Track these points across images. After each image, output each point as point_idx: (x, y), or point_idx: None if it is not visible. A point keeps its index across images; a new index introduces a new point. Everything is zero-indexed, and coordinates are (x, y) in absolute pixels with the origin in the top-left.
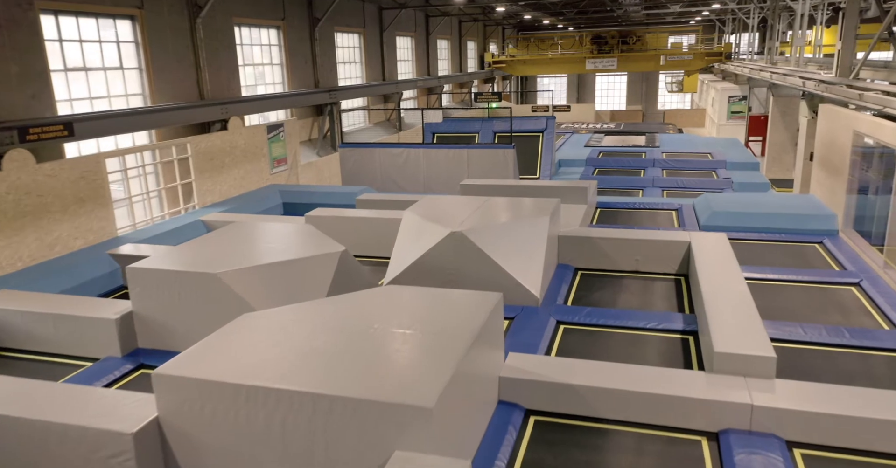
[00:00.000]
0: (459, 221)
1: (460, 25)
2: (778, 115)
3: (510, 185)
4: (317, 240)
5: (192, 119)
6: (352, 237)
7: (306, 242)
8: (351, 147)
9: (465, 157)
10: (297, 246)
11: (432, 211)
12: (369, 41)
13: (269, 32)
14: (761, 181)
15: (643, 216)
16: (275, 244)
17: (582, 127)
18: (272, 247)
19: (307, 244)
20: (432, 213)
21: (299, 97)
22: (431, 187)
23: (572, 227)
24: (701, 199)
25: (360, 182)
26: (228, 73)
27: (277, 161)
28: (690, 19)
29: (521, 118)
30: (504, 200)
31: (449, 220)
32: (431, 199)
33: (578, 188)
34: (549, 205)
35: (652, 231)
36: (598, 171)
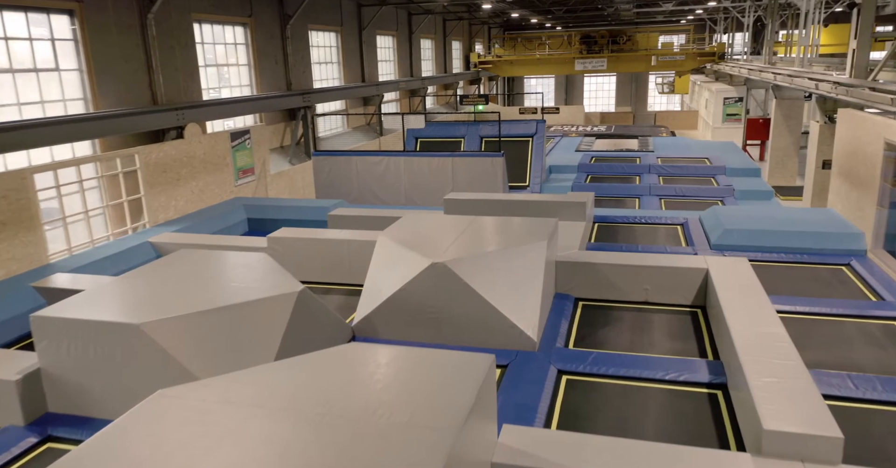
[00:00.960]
0: (442, 249)
1: (445, 24)
2: (781, 119)
3: (500, 201)
4: (271, 277)
5: (143, 126)
6: (321, 261)
7: (258, 279)
8: (325, 155)
9: (450, 165)
10: (245, 284)
11: (410, 234)
12: (347, 40)
13: (234, 30)
14: (764, 189)
15: (645, 232)
16: (219, 282)
17: (571, 130)
18: (215, 287)
19: (259, 282)
20: (410, 237)
21: (269, 100)
22: (414, 198)
23: (571, 250)
24: (709, 213)
25: (336, 193)
26: (186, 74)
27: (243, 171)
28: (682, 18)
29: (509, 122)
30: (494, 221)
31: (429, 248)
32: (410, 219)
33: (576, 203)
34: (545, 227)
35: (662, 256)
36: (591, 178)
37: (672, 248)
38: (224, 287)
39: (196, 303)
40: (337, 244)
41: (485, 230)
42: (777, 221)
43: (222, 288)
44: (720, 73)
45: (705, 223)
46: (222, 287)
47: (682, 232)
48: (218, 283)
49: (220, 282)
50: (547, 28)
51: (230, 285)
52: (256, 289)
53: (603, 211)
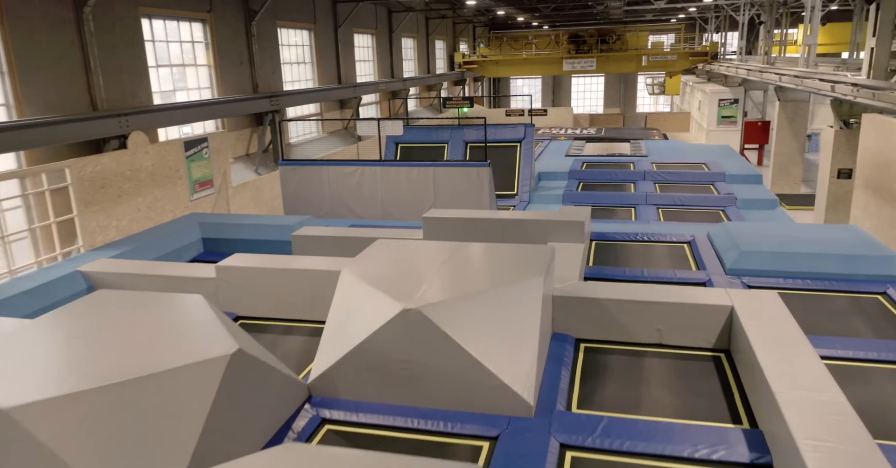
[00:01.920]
0: (416, 289)
1: (427, 22)
2: (785, 122)
3: (487, 220)
4: (200, 332)
5: (79, 136)
6: (278, 295)
7: (183, 336)
8: (293, 165)
9: (432, 176)
10: (164, 344)
11: (380, 267)
12: (322, 39)
13: (191, 26)
14: (768, 197)
15: (648, 252)
16: (130, 341)
17: (560, 133)
18: (121, 350)
19: (182, 340)
20: (380, 270)
21: (232, 104)
22: (392, 212)
23: (569, 280)
24: (719, 230)
25: (306, 207)
26: (134, 76)
27: (200, 184)
28: (672, 17)
29: (496, 126)
30: (480, 249)
31: (402, 286)
32: (381, 247)
33: (573, 222)
34: (541, 257)
35: (677, 289)
36: (583, 186)
37: (681, 273)
38: (133, 350)
39: (93, 375)
40: (297, 274)
41: (469, 262)
42: (797, 241)
43: (130, 352)
44: (713, 73)
45: (716, 242)
46: (130, 350)
47: (690, 251)
48: (127, 344)
49: (130, 341)
50: (534, 27)
51: (142, 347)
52: (176, 351)
53: (600, 225)
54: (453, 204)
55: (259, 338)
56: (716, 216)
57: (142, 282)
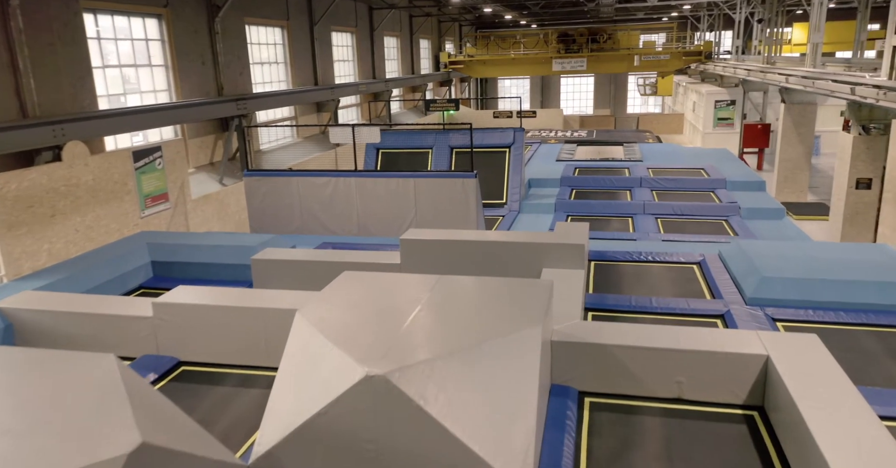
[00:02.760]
0: (386, 344)
1: (411, 20)
2: (791, 126)
3: (473, 242)
4: (92, 419)
5: (4, 147)
6: (226, 338)
7: (65, 426)
8: (259, 175)
9: (413, 188)
10: (33, 440)
11: (343, 311)
12: (296, 37)
13: (144, 23)
14: (773, 206)
15: (654, 275)
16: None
17: (550, 135)
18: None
19: (62, 433)
20: (342, 317)
21: (193, 109)
22: (369, 228)
23: (570, 318)
24: (732, 250)
25: (273, 223)
26: (74, 78)
27: (153, 198)
28: (664, 15)
29: (483, 131)
30: (464, 286)
31: (368, 340)
32: (348, 283)
33: (573, 245)
34: (537, 296)
35: (699, 334)
36: (576, 194)
37: (695, 304)
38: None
39: None
40: (251, 313)
41: (451, 304)
42: (824, 265)
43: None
44: (707, 73)
45: (730, 263)
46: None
47: (701, 274)
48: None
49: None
50: (522, 26)
51: (12, 441)
52: (53, 448)
53: (598, 242)
54: (436, 218)
55: (203, 391)
56: (719, 227)
57: (66, 321)
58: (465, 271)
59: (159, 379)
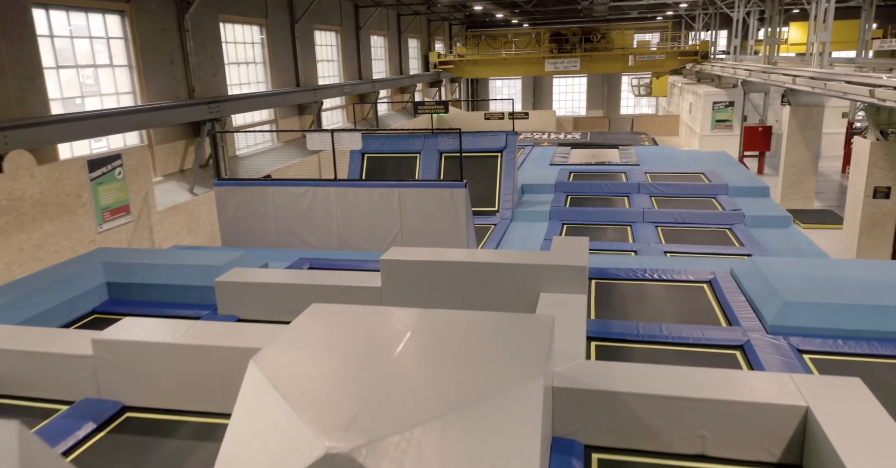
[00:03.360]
0: (352, 407)
1: (399, 19)
2: (796, 129)
3: (462, 264)
4: None
5: None
6: (182, 380)
7: None
8: (231, 185)
9: (397, 198)
10: None
11: (304, 361)
12: (276, 36)
13: (105, 19)
14: (779, 214)
15: (661, 297)
16: None
17: (543, 138)
18: None
19: None
20: (304, 367)
21: (159, 112)
22: (350, 242)
23: (573, 359)
24: (746, 268)
25: (247, 237)
26: (22, 80)
27: (112, 211)
28: (659, 14)
29: (474, 134)
30: (451, 325)
31: (330, 404)
32: (315, 319)
33: (574, 268)
34: (537, 338)
35: (724, 379)
36: (572, 200)
37: (711, 333)
38: None
39: None
40: (202, 353)
41: (435, 348)
42: (852, 287)
43: None
44: (703, 73)
45: (745, 284)
46: None
47: (714, 296)
48: None
49: None
50: (513, 25)
51: None
52: None
53: (597, 257)
54: (423, 231)
55: (150, 444)
56: (722, 236)
57: None
58: (452, 296)
59: (100, 428)
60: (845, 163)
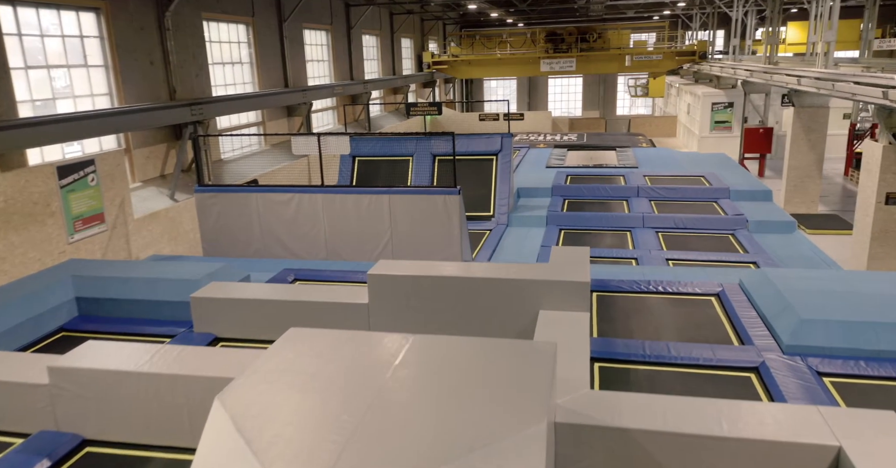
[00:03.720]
0: (329, 454)
1: (392, 18)
2: (800, 131)
3: (455, 279)
4: None
5: None
6: (148, 412)
7: None
8: (212, 191)
9: (387, 205)
10: None
11: (274, 400)
12: (263, 35)
13: (78, 17)
14: (783, 219)
15: (666, 311)
16: None
17: (539, 139)
18: None
19: None
20: (272, 409)
21: (137, 115)
22: (338, 251)
23: (576, 384)
24: (755, 278)
25: (229, 246)
26: None
27: (84, 220)
28: (656, 13)
29: (468, 137)
30: (441, 355)
31: (299, 456)
32: (291, 347)
33: (575, 284)
34: (538, 368)
35: (743, 411)
36: (569, 204)
37: (723, 354)
38: None
39: None
40: (169, 382)
41: (424, 384)
42: (873, 302)
43: None
44: (700, 74)
45: (756, 298)
46: None
47: (722, 310)
48: None
49: None
50: (508, 24)
51: None
52: None
53: (598, 267)
54: (415, 240)
55: None
56: (725, 242)
57: None
58: (445, 313)
59: (57, 463)
60: (847, 165)
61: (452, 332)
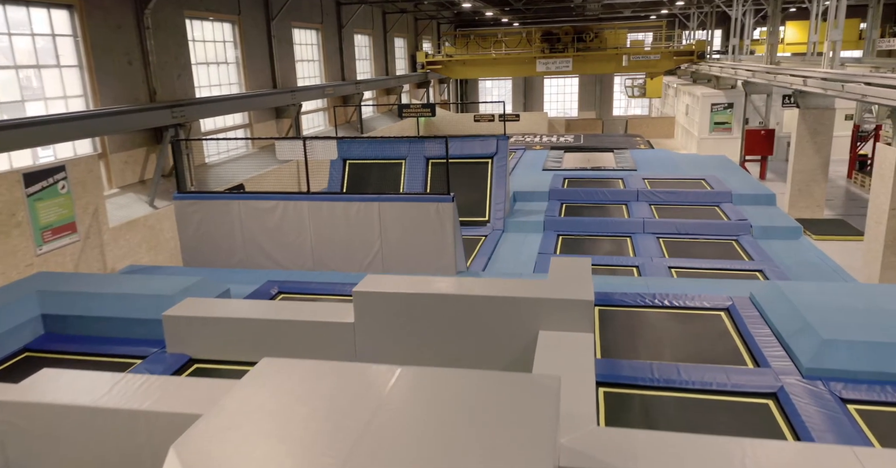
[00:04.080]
0: None
1: (384, 17)
2: (806, 134)
3: (448, 297)
4: None
5: None
6: (101, 454)
7: None
8: (192, 198)
9: (377, 213)
10: None
11: (238, 450)
12: (250, 33)
13: (49, 14)
14: (788, 224)
15: (674, 328)
16: None
17: (535, 141)
18: None
19: None
20: (235, 458)
21: (113, 118)
22: (325, 261)
23: (581, 420)
24: (768, 292)
25: (211, 256)
26: None
27: (54, 230)
28: (653, 13)
29: (463, 139)
30: (434, 389)
31: None
32: (262, 381)
33: (578, 303)
34: (542, 410)
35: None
36: (567, 209)
37: (738, 378)
38: None
39: None
40: (126, 420)
41: (412, 427)
42: (895, 320)
43: None
44: (698, 74)
45: (769, 314)
46: None
47: (733, 327)
48: None
49: None
50: (503, 24)
51: None
52: None
53: (599, 279)
54: (406, 250)
55: None
56: (728, 248)
57: None
58: (436, 334)
59: None
60: (851, 167)
61: (445, 354)
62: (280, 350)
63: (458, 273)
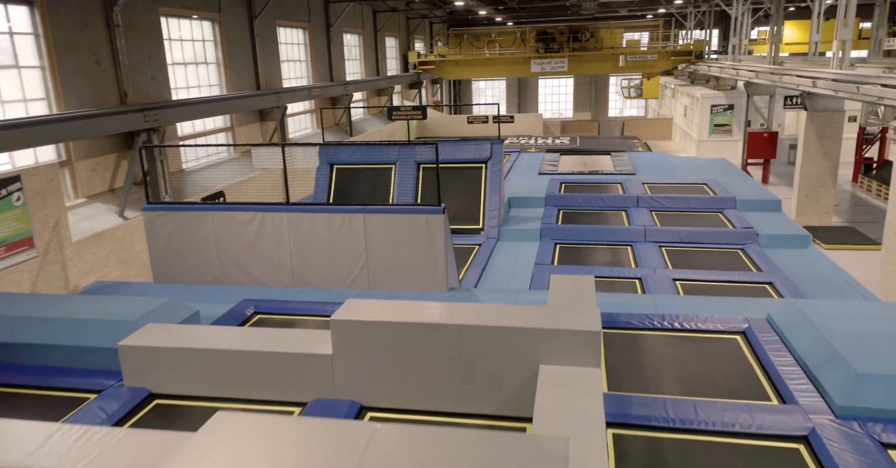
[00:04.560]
0: None
1: (375, 16)
2: (813, 137)
3: (436, 327)
4: None
5: None
6: None
7: None
8: (162, 209)
9: (362, 226)
10: None
11: None
12: (232, 33)
13: (6, 10)
14: (796, 232)
15: (686, 355)
16: None
17: (530, 143)
18: None
19: None
20: None
21: (78, 123)
22: (307, 278)
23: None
24: (789, 314)
25: (183, 271)
26: None
27: (8, 246)
28: (649, 12)
29: (455, 144)
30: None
31: None
32: (215, 440)
33: (583, 334)
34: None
35: None
36: (564, 216)
37: (762, 418)
38: None
39: None
40: None
41: None
42: None
43: None
44: (696, 74)
45: (792, 341)
46: None
47: (752, 354)
48: None
49: None
50: (497, 23)
51: None
52: None
53: (601, 296)
54: (393, 265)
55: None
56: (734, 258)
57: None
58: (424, 369)
59: None
60: (856, 171)
61: (435, 391)
62: (250, 384)
63: (449, 290)
